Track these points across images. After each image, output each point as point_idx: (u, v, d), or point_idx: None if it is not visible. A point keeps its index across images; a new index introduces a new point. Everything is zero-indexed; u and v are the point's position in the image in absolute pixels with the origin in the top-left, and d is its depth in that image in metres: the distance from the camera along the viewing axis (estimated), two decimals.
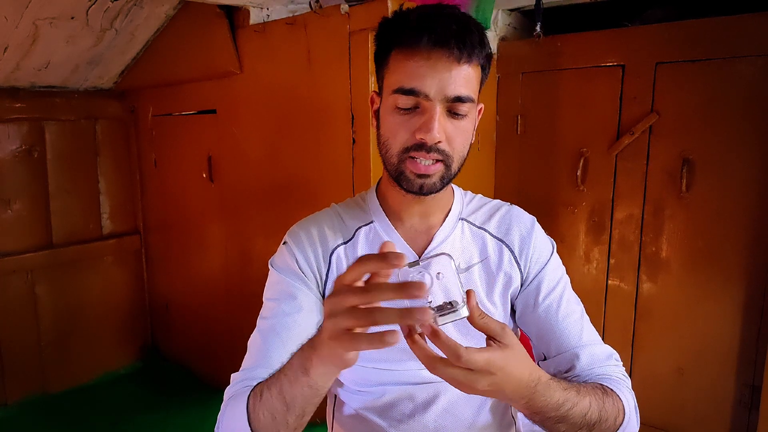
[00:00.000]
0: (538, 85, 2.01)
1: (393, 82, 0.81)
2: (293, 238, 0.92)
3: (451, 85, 0.77)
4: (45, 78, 2.30)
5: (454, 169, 0.83)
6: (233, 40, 2.01)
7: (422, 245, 0.91)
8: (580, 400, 0.71)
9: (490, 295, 0.90)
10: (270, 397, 0.71)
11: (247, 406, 0.74)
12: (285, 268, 0.90)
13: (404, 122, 0.80)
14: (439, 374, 0.60)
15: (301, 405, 0.69)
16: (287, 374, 0.69)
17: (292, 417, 0.70)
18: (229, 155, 2.21)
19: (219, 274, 2.38)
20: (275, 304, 0.87)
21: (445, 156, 0.81)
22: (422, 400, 0.89)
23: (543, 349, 0.90)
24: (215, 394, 2.37)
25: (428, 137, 0.78)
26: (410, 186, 0.83)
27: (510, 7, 2.04)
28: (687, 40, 1.70)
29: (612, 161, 1.87)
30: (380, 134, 0.86)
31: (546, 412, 0.69)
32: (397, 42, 0.80)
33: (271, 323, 0.86)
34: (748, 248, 1.67)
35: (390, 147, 0.83)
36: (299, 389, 0.67)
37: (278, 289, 0.89)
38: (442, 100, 0.78)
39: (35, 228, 2.43)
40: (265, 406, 0.71)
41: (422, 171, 0.80)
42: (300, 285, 0.88)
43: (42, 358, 2.47)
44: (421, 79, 0.77)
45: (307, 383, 0.66)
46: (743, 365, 1.70)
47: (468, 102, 0.80)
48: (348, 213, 0.94)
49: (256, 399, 0.73)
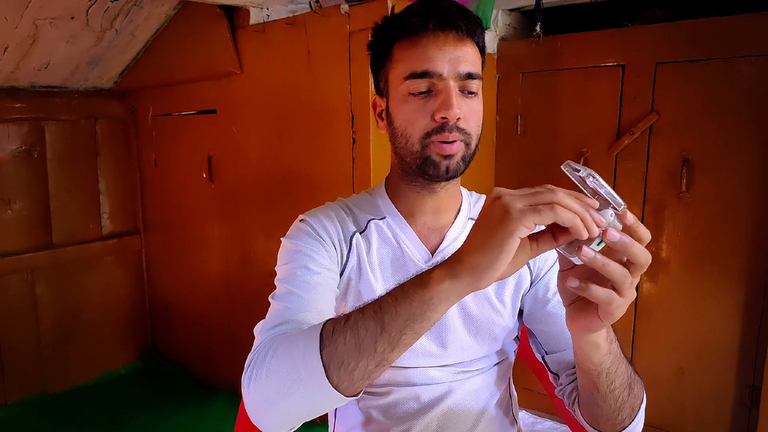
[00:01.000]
0: (538, 85, 2.02)
1: (402, 71, 0.82)
2: (310, 216, 0.90)
3: (461, 62, 0.79)
4: (45, 78, 2.30)
5: (472, 148, 0.84)
6: (233, 40, 2.01)
7: (435, 243, 0.91)
8: (624, 360, 0.76)
9: (499, 294, 0.91)
10: (360, 318, 0.62)
11: (322, 332, 0.64)
12: (302, 235, 0.86)
13: (420, 107, 0.81)
14: (632, 291, 0.58)
15: (400, 327, 0.60)
16: (391, 293, 0.62)
17: (383, 343, 0.61)
18: (229, 155, 2.21)
19: (219, 274, 2.38)
20: (295, 264, 0.82)
21: (465, 134, 0.81)
22: (427, 400, 0.89)
23: (550, 346, 0.90)
24: (215, 394, 2.37)
25: (450, 114, 0.78)
26: (437, 170, 0.82)
27: (510, 7, 2.04)
28: (687, 40, 1.70)
29: (612, 161, 1.87)
30: (395, 128, 0.85)
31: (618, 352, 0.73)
32: (401, 34, 0.82)
33: (301, 280, 0.80)
34: (748, 248, 1.67)
35: (410, 135, 0.82)
36: (407, 305, 0.60)
37: (295, 253, 0.84)
38: (455, 77, 0.80)
39: (35, 228, 2.43)
40: (350, 328, 0.62)
41: (447, 151, 0.80)
42: (321, 250, 0.85)
43: (42, 358, 2.47)
44: (432, 61, 0.79)
45: (421, 298, 0.59)
46: (743, 365, 1.71)
47: (477, 79, 0.81)
48: (358, 206, 0.94)
49: (337, 324, 0.64)
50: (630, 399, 0.77)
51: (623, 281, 0.56)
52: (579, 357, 0.72)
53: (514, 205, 0.54)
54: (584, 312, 0.62)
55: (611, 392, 0.74)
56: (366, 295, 0.87)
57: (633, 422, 0.79)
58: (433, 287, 0.59)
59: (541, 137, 2.03)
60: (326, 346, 0.63)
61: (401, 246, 0.89)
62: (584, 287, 0.57)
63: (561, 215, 0.52)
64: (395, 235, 0.90)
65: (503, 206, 0.55)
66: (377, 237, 0.90)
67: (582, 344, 0.69)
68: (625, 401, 0.76)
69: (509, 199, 0.55)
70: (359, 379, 0.63)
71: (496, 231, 0.55)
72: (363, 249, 0.88)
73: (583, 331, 0.65)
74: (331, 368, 0.62)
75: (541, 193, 0.54)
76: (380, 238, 0.90)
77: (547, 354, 0.91)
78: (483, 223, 0.57)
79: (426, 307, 0.60)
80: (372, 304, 0.63)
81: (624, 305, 0.58)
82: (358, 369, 0.62)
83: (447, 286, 0.59)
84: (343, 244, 0.88)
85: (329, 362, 0.62)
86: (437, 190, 0.88)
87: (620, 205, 0.55)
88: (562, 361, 0.88)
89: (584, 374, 0.74)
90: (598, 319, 0.61)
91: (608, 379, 0.73)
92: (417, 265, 0.88)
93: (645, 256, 0.56)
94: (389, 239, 0.90)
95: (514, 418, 0.98)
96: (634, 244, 0.55)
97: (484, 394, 0.92)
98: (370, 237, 0.90)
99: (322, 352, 0.62)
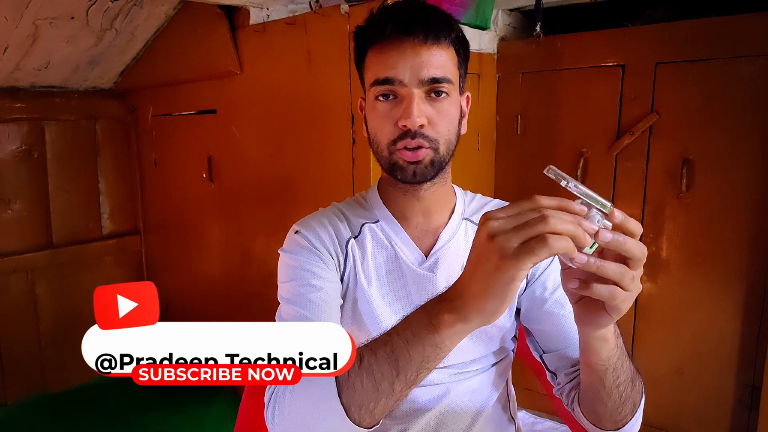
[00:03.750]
0: (538, 85, 2.01)
1: (370, 77, 0.83)
2: (304, 227, 0.90)
3: (423, 68, 0.79)
4: (45, 78, 2.30)
5: (442, 153, 0.83)
6: (233, 40, 2.01)
7: (429, 245, 0.91)
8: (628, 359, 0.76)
9: None
10: (374, 362, 0.64)
11: (336, 378, 0.66)
12: (299, 249, 0.87)
13: (386, 114, 0.82)
14: (636, 284, 0.58)
15: (416, 369, 0.62)
16: (401, 334, 0.63)
17: (401, 383, 0.63)
18: (229, 155, 2.21)
19: (219, 274, 2.38)
20: (298, 282, 0.84)
21: (430, 141, 0.81)
22: (425, 401, 0.89)
23: (548, 345, 0.90)
24: (215, 394, 2.37)
25: (409, 122, 0.79)
26: (404, 175, 0.83)
27: (510, 7, 2.04)
28: (687, 40, 1.70)
29: (612, 161, 1.87)
30: (369, 133, 0.88)
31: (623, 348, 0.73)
32: (370, 41, 0.83)
33: (306, 299, 0.81)
34: (748, 248, 1.67)
35: (379, 142, 0.84)
36: (419, 349, 0.61)
37: (296, 270, 0.86)
38: (417, 84, 0.80)
39: (35, 228, 2.43)
40: (365, 372, 0.64)
41: (410, 158, 0.81)
42: (318, 262, 0.86)
43: (42, 358, 2.47)
44: (393, 68, 0.80)
45: (432, 342, 0.61)
46: (743, 365, 1.70)
47: (445, 83, 0.81)
48: (351, 211, 0.94)
49: (351, 368, 0.65)
50: (633, 394, 0.77)
51: (622, 278, 0.56)
52: (586, 353, 0.72)
53: (508, 248, 0.53)
54: (592, 308, 0.63)
55: (616, 387, 0.74)
56: (362, 302, 0.87)
57: (634, 418, 0.79)
58: (444, 331, 0.60)
59: (541, 137, 2.03)
60: (344, 389, 0.65)
61: (395, 249, 0.89)
62: (585, 286, 0.58)
63: (554, 248, 0.52)
64: (389, 239, 0.90)
65: (498, 250, 0.54)
66: (371, 241, 0.90)
67: (591, 340, 0.69)
68: (628, 396, 0.76)
69: (503, 241, 0.54)
70: (380, 415, 0.66)
71: (497, 277, 0.55)
72: (358, 255, 0.89)
73: (592, 327, 0.66)
74: (352, 410, 0.65)
75: (532, 225, 0.53)
76: (374, 242, 0.90)
77: (544, 353, 0.91)
78: (480, 267, 0.57)
79: (439, 350, 0.62)
80: (383, 345, 0.64)
81: (630, 298, 0.58)
82: (379, 407, 0.65)
83: (459, 329, 0.60)
84: (339, 252, 0.89)
85: (349, 405, 0.65)
86: (422, 192, 0.88)
87: (606, 206, 0.56)
88: (560, 360, 0.88)
89: (591, 370, 0.74)
90: (606, 314, 0.61)
91: (614, 374, 0.73)
92: (411, 267, 0.88)
93: (640, 249, 0.56)
94: (383, 243, 0.90)
95: (512, 417, 0.98)
96: (627, 241, 0.56)
97: (482, 393, 0.92)
98: (364, 242, 0.90)
99: (341, 396, 0.65)
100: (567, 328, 0.88)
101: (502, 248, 0.54)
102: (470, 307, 0.58)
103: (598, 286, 0.57)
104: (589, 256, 0.55)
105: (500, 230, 0.55)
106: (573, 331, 0.87)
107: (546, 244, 0.52)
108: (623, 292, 0.57)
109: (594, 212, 0.56)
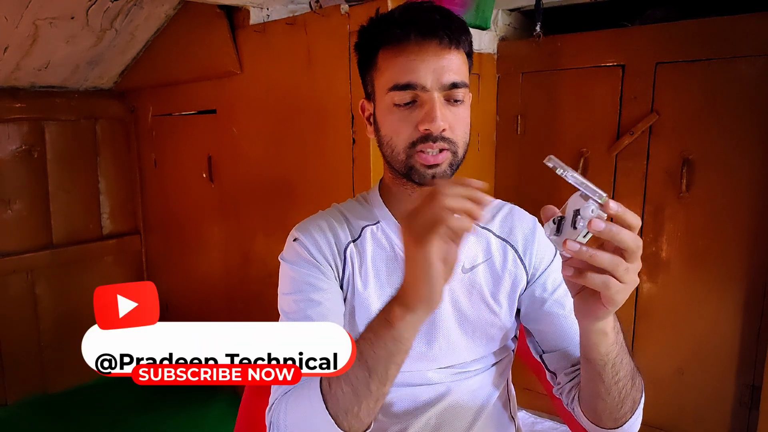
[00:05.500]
0: (538, 85, 2.02)
1: (386, 81, 0.82)
2: (303, 234, 0.90)
3: (445, 73, 0.79)
4: (45, 78, 2.30)
5: (460, 156, 0.84)
6: (233, 40, 2.01)
7: None
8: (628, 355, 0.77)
9: (495, 294, 0.90)
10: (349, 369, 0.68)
11: (321, 390, 0.71)
12: (299, 260, 0.88)
13: (405, 117, 0.81)
14: (631, 276, 0.59)
15: (384, 365, 0.67)
16: (365, 337, 0.68)
17: (375, 382, 0.68)
18: (229, 155, 2.21)
19: (219, 274, 2.38)
20: (299, 296, 0.85)
21: (450, 144, 0.81)
22: (425, 400, 0.89)
23: (548, 344, 0.90)
24: (215, 394, 2.37)
25: (433, 127, 0.78)
26: (422, 178, 0.82)
27: (510, 7, 2.04)
28: (687, 40, 1.70)
29: (612, 161, 1.87)
30: (381, 135, 0.86)
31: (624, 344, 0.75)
32: (384, 41, 0.82)
33: (305, 314, 0.83)
34: (748, 248, 1.67)
35: (395, 145, 0.83)
36: (382, 347, 0.66)
37: (297, 282, 0.87)
38: (439, 88, 0.79)
39: (35, 228, 2.43)
40: (343, 379, 0.68)
41: (431, 162, 0.81)
42: (318, 274, 0.87)
43: (42, 358, 2.47)
44: (415, 72, 0.79)
45: (391, 336, 0.66)
46: (743, 365, 1.71)
47: (463, 87, 0.81)
48: (352, 213, 0.94)
49: (330, 379, 0.70)
50: (633, 392, 0.77)
51: (616, 268, 0.57)
52: (586, 347, 0.72)
53: (417, 234, 0.61)
54: (590, 300, 0.64)
55: (615, 384, 0.74)
56: (359, 307, 0.87)
57: (634, 416, 0.79)
58: (398, 324, 0.65)
59: (541, 137, 2.03)
60: (329, 400, 0.70)
61: (395, 250, 0.89)
62: (578, 275, 0.59)
63: (451, 224, 0.59)
64: (389, 239, 0.90)
65: (413, 239, 0.62)
66: (372, 243, 0.90)
67: (590, 334, 0.70)
68: (628, 393, 0.76)
69: (413, 229, 0.62)
70: (366, 417, 0.71)
71: (417, 263, 0.62)
72: (356, 260, 0.89)
73: (590, 319, 0.67)
74: (339, 417, 0.70)
75: (429, 208, 0.60)
76: (375, 244, 0.90)
77: (544, 353, 0.91)
78: (407, 259, 0.64)
79: (399, 343, 0.67)
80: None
81: (625, 290, 0.60)
82: (362, 410, 0.69)
83: (409, 320, 0.65)
84: (337, 259, 0.89)
85: (336, 414, 0.70)
86: None
87: (602, 197, 0.57)
88: (559, 360, 0.88)
89: (590, 366, 0.74)
90: (602, 306, 0.62)
91: (614, 369, 0.73)
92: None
93: (634, 241, 0.57)
94: (383, 244, 0.90)
95: (512, 416, 0.98)
96: (621, 231, 0.56)
97: (482, 393, 0.92)
98: (364, 244, 0.90)
99: (327, 407, 0.70)
100: (567, 328, 0.88)
101: (414, 236, 0.61)
102: (410, 296, 0.64)
103: (592, 275, 0.59)
104: (582, 244, 0.56)
105: (410, 220, 0.62)
106: (573, 331, 0.87)
107: (442, 222, 0.58)
108: (617, 282, 0.58)
109: (590, 202, 0.57)
